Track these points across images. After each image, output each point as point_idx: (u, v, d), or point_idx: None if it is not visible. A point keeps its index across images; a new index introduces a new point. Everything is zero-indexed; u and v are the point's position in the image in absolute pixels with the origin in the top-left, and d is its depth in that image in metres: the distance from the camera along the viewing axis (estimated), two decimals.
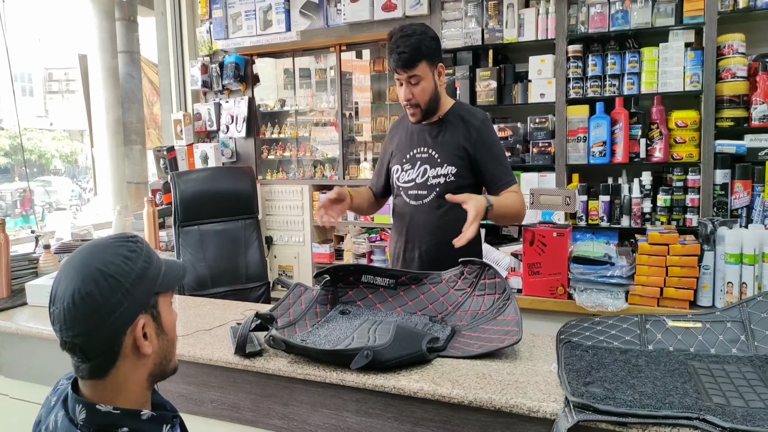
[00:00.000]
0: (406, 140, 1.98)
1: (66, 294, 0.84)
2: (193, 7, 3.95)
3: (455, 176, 1.86)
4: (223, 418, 1.50)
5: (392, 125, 2.10)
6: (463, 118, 1.89)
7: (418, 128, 1.95)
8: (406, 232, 1.95)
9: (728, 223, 2.29)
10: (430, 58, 1.82)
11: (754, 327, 1.33)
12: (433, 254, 1.90)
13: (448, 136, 1.89)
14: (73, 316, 0.83)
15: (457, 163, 1.86)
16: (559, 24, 2.78)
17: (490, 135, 1.89)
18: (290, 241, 3.73)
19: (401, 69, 1.80)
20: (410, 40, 1.78)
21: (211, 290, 2.76)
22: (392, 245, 2.06)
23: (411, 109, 1.86)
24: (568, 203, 2.43)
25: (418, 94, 1.83)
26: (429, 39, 1.82)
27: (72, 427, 0.86)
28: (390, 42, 1.82)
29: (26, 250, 2.60)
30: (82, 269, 0.85)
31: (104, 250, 0.88)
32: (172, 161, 3.76)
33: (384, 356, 1.28)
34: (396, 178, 1.98)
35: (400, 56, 1.78)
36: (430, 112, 1.88)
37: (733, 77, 2.49)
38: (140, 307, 0.88)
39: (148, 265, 0.90)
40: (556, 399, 1.15)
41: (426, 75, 1.82)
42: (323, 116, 3.75)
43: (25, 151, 16.60)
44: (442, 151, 1.89)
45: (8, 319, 1.87)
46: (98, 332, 0.85)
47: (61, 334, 0.85)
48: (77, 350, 0.85)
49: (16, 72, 17.52)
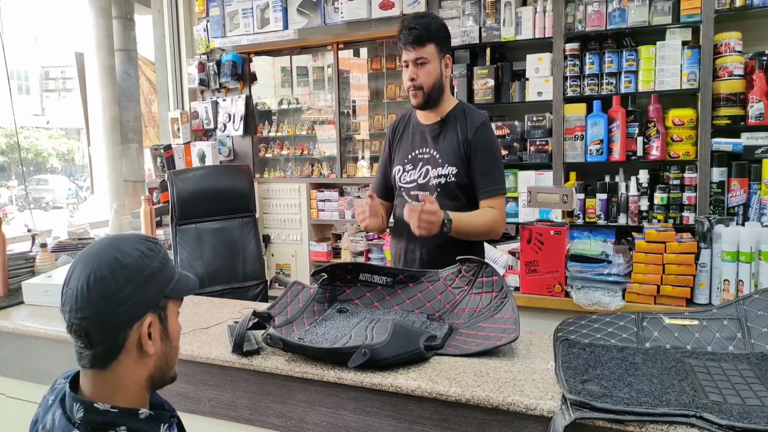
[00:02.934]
0: (408, 140, 1.98)
1: (81, 276, 0.86)
2: (190, 5, 3.94)
3: (456, 176, 1.86)
4: (220, 417, 1.50)
5: (392, 125, 2.08)
6: (464, 118, 1.89)
7: (420, 129, 1.95)
8: (407, 233, 1.91)
9: (725, 221, 2.30)
10: (439, 42, 1.84)
11: (750, 324, 1.34)
12: (434, 256, 1.88)
13: (449, 136, 1.89)
14: (85, 299, 0.85)
15: (457, 164, 1.86)
16: (557, 22, 2.78)
17: (486, 139, 1.88)
18: (288, 240, 3.73)
19: (410, 45, 1.82)
20: (423, 20, 1.83)
21: (209, 289, 2.75)
22: (393, 246, 2.05)
23: (414, 90, 1.86)
24: (565, 201, 2.43)
25: (423, 76, 1.84)
26: (441, 26, 1.86)
27: (69, 425, 0.86)
28: (402, 23, 1.85)
29: (23, 248, 2.59)
30: (100, 255, 0.88)
31: (124, 242, 0.91)
32: (169, 159, 3.76)
33: (381, 354, 1.28)
34: (398, 178, 1.97)
35: (410, 32, 1.81)
36: (432, 99, 1.87)
37: (729, 75, 2.49)
38: (149, 305, 0.89)
39: (163, 267, 0.92)
40: (554, 397, 1.15)
41: (433, 59, 1.84)
42: (321, 114, 3.75)
43: (21, 150, 16.56)
44: (443, 151, 1.89)
45: (5, 318, 1.86)
46: (106, 319, 0.86)
47: (69, 315, 0.86)
48: (82, 334, 0.86)
49: (12, 70, 17.47)
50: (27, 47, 21.34)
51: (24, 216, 11.10)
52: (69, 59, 11.78)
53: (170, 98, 4.00)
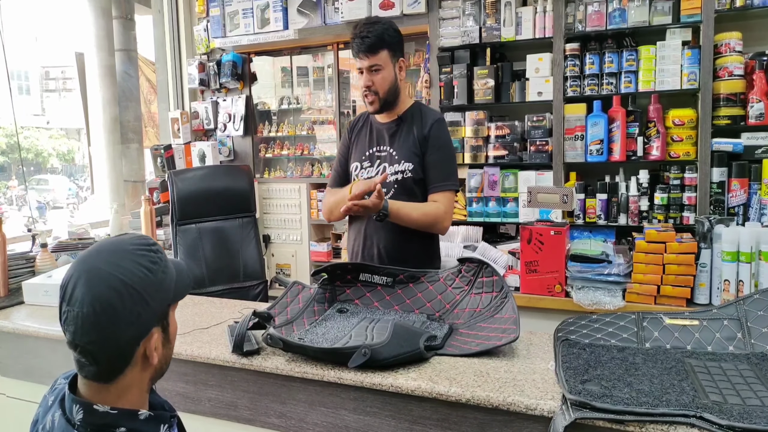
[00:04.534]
0: (366, 138, 2.03)
1: (85, 300, 0.82)
2: (191, 5, 3.94)
3: (412, 172, 1.92)
4: (220, 417, 1.50)
5: (350, 126, 2.13)
6: (419, 116, 1.95)
7: (377, 127, 2.00)
8: (364, 229, 1.99)
9: (725, 221, 2.30)
10: (392, 48, 1.88)
11: (750, 324, 1.34)
12: (392, 250, 1.93)
13: (405, 133, 1.95)
14: (91, 324, 0.82)
15: (413, 160, 1.92)
16: (557, 22, 2.78)
17: (441, 136, 1.94)
18: (288, 240, 3.73)
19: (363, 54, 1.86)
20: (374, 27, 1.85)
21: (209, 289, 2.75)
22: (350, 244, 2.09)
23: (370, 96, 1.91)
24: (565, 201, 2.43)
25: (378, 82, 1.88)
26: (393, 30, 1.90)
27: (69, 426, 0.85)
28: (354, 30, 1.88)
29: (23, 248, 2.59)
30: (104, 276, 0.84)
31: (126, 258, 0.87)
32: (169, 159, 3.76)
33: (381, 354, 1.28)
34: (355, 175, 2.02)
35: (363, 41, 1.84)
36: (388, 103, 1.93)
37: (730, 75, 2.49)
38: (155, 320, 0.89)
39: (165, 275, 0.90)
40: (554, 397, 1.15)
41: (387, 65, 1.88)
42: (321, 114, 3.75)
43: (21, 150, 16.56)
44: (399, 148, 1.94)
45: (5, 318, 1.86)
46: (114, 342, 0.84)
47: (73, 336, 0.84)
48: (88, 355, 0.84)
49: (12, 70, 17.47)
50: (27, 47, 21.35)
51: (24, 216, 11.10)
52: (69, 59, 11.78)
53: (170, 98, 4.00)
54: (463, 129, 3.02)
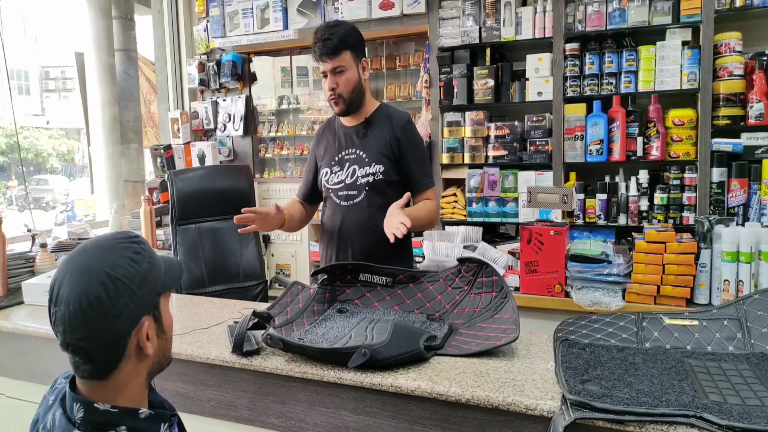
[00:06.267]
0: (334, 143, 2.02)
1: (71, 297, 0.82)
2: (190, 5, 3.94)
3: (383, 174, 1.92)
4: (220, 417, 1.50)
5: (318, 131, 2.13)
6: (388, 118, 1.96)
7: (345, 131, 2.00)
8: (338, 233, 1.98)
9: (725, 221, 2.29)
10: (353, 49, 1.89)
11: (750, 325, 1.34)
12: (366, 253, 1.93)
13: (374, 135, 1.95)
14: (79, 320, 0.82)
15: (383, 162, 1.92)
16: (557, 22, 2.78)
17: (413, 136, 1.96)
18: (288, 240, 3.73)
19: (326, 56, 1.87)
20: (336, 29, 1.87)
21: (209, 289, 2.75)
22: (323, 249, 2.08)
23: (335, 99, 1.91)
24: (565, 201, 2.43)
25: (342, 84, 1.89)
26: (354, 32, 1.91)
27: (70, 425, 0.86)
28: (315, 35, 1.90)
29: (23, 248, 2.59)
30: (88, 271, 0.84)
31: (109, 252, 0.87)
32: (169, 160, 3.76)
33: (381, 355, 1.28)
34: (325, 180, 2.01)
35: (325, 43, 1.86)
36: (353, 104, 1.93)
37: (729, 76, 2.49)
38: (144, 309, 0.88)
39: (151, 266, 0.90)
40: (554, 397, 1.15)
41: (350, 66, 1.89)
42: (321, 114, 3.75)
43: (21, 150, 16.55)
44: (369, 150, 1.94)
45: (5, 318, 1.86)
46: (104, 335, 0.84)
47: (64, 336, 0.84)
48: (81, 353, 0.84)
49: (12, 70, 17.47)
50: (27, 47, 21.33)
51: (24, 215, 11.10)
52: (69, 59, 11.79)
53: (170, 98, 4.00)
54: (462, 129, 3.02)
